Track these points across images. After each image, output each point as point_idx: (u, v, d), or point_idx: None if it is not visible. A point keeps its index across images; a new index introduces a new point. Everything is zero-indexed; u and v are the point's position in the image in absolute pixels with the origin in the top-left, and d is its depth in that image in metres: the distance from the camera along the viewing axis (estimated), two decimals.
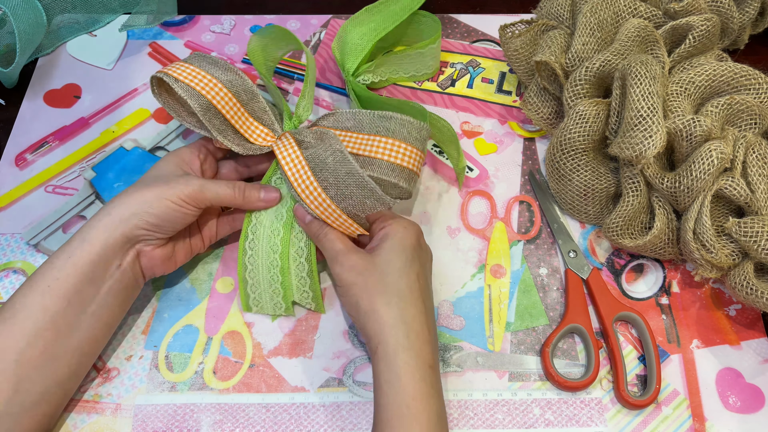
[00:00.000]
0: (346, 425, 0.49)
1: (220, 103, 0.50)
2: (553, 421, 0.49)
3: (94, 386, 0.50)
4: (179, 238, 0.50)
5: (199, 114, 0.49)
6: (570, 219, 0.58)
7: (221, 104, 0.51)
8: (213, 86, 0.50)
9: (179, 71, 0.50)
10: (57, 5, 0.68)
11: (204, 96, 0.50)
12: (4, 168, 0.60)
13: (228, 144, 0.51)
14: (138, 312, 0.53)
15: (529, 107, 0.61)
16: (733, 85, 0.54)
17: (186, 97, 0.49)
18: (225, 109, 0.51)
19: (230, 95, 0.51)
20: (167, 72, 0.50)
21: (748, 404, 0.50)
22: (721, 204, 0.52)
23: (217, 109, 0.50)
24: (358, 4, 0.66)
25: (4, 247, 0.56)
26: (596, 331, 0.52)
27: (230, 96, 0.51)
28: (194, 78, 0.50)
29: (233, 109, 0.51)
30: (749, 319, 0.53)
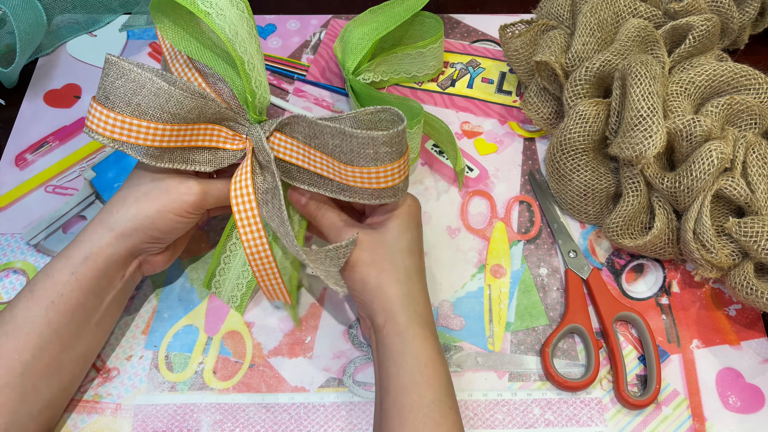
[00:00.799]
0: (346, 425, 0.49)
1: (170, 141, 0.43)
2: (553, 421, 0.49)
3: (94, 386, 0.50)
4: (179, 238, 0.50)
5: (155, 164, 0.44)
6: (570, 219, 0.58)
7: (172, 141, 0.44)
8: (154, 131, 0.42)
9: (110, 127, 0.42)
10: (57, 5, 0.68)
11: (149, 146, 0.43)
12: (4, 168, 0.60)
13: (198, 168, 0.46)
14: (138, 312, 0.53)
15: (529, 107, 0.61)
16: (733, 85, 0.54)
17: (132, 154, 0.43)
18: (178, 142, 0.44)
19: (176, 128, 0.43)
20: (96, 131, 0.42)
21: (748, 404, 0.50)
22: (721, 204, 0.52)
23: (170, 147, 0.44)
24: (358, 4, 0.66)
25: (4, 247, 0.56)
26: (596, 331, 0.52)
27: (177, 128, 0.43)
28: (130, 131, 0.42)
29: (186, 134, 0.44)
30: (749, 319, 0.53)
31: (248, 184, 0.45)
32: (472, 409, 0.49)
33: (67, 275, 0.43)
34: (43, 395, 0.43)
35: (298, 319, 0.52)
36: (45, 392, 0.43)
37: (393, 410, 0.42)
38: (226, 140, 0.47)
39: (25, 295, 0.44)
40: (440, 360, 0.44)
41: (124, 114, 0.42)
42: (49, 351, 0.43)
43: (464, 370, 0.51)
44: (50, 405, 0.44)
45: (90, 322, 0.45)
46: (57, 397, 0.45)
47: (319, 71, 0.67)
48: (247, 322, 0.53)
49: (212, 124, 0.46)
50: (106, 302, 0.46)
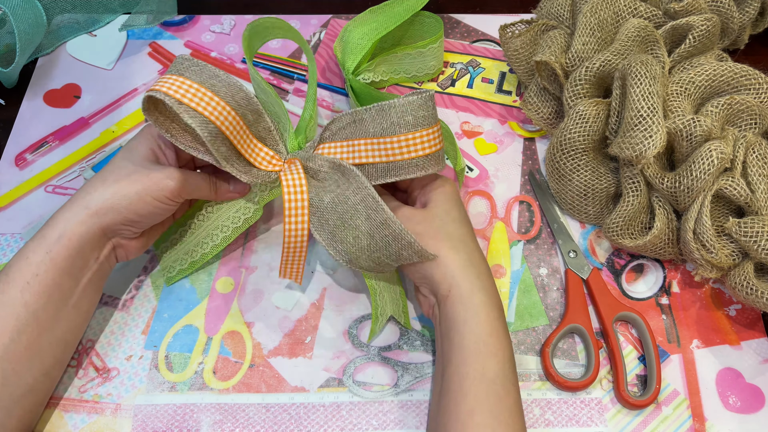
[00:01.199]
0: (346, 425, 0.49)
1: (228, 128, 0.45)
2: (553, 421, 0.49)
3: (94, 386, 0.50)
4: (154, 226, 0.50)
5: (207, 142, 0.44)
6: (570, 219, 0.58)
7: (229, 129, 0.45)
8: (221, 110, 0.44)
9: (181, 90, 0.43)
10: (57, 5, 0.68)
11: (213, 122, 0.44)
12: (4, 168, 0.60)
13: (235, 172, 0.46)
14: (138, 312, 0.53)
15: (529, 107, 0.61)
16: (733, 85, 0.54)
17: (193, 124, 0.43)
18: (233, 135, 0.45)
19: (238, 118, 0.45)
20: (166, 92, 0.43)
21: (748, 404, 0.50)
22: (721, 204, 0.52)
23: (225, 135, 0.45)
24: (358, 4, 0.66)
25: (4, 247, 0.56)
26: (596, 331, 0.52)
27: (238, 119, 0.45)
28: (200, 100, 0.43)
29: (240, 133, 0.46)
30: (749, 319, 0.53)
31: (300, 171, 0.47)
32: None
33: (42, 255, 0.43)
34: (24, 379, 0.43)
35: None
36: (26, 376, 0.43)
37: (455, 379, 0.42)
38: (264, 159, 0.48)
39: (1, 279, 0.44)
40: (504, 332, 0.44)
41: (200, 86, 0.44)
42: (28, 333, 0.43)
43: None
44: (33, 390, 0.44)
45: (67, 304, 0.45)
46: (39, 382, 0.45)
47: (319, 71, 0.67)
48: (247, 322, 0.53)
49: (258, 140, 0.48)
50: (82, 284, 0.46)
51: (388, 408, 0.49)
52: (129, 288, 0.54)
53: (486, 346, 0.42)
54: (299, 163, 0.48)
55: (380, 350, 0.52)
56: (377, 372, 0.51)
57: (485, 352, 0.42)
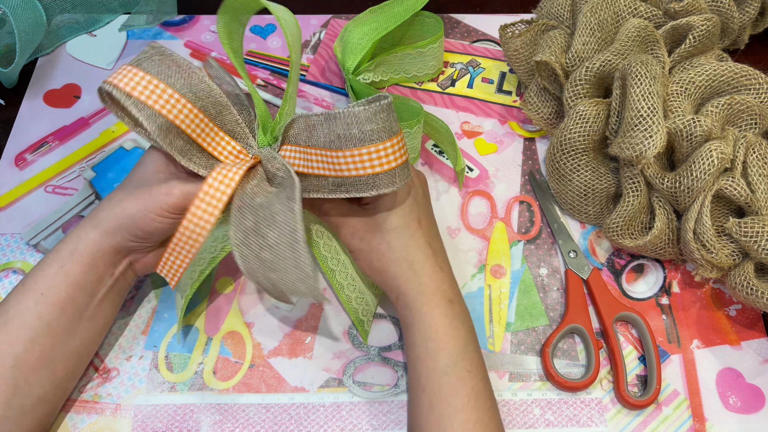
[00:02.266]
0: (346, 425, 0.49)
1: (183, 121, 0.43)
2: (553, 421, 0.49)
3: (94, 386, 0.50)
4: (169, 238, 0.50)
5: (157, 138, 0.42)
6: (570, 219, 0.58)
7: (185, 123, 0.43)
8: (174, 102, 0.42)
9: (132, 83, 0.42)
10: (57, 5, 0.68)
11: (164, 115, 0.42)
12: (3, 168, 0.60)
13: (193, 167, 0.44)
14: (138, 312, 0.53)
15: (529, 107, 0.61)
16: (734, 85, 0.54)
17: (140, 117, 0.41)
18: (190, 128, 0.44)
19: (195, 111, 0.43)
20: (117, 84, 0.41)
21: (748, 404, 0.50)
22: (722, 204, 0.52)
23: (180, 129, 0.43)
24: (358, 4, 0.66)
25: (4, 247, 0.56)
26: (596, 331, 0.52)
27: (195, 112, 0.43)
28: (151, 93, 0.41)
29: (200, 126, 0.44)
30: (749, 320, 0.53)
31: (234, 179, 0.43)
32: None
33: (56, 268, 0.44)
34: (35, 390, 0.43)
35: None
36: (38, 387, 0.43)
37: (413, 378, 0.44)
38: (230, 154, 0.46)
39: (17, 289, 0.44)
40: (452, 324, 0.44)
41: (151, 74, 0.42)
42: (41, 344, 0.43)
43: None
44: (44, 400, 0.44)
45: (82, 317, 0.45)
46: (51, 393, 0.45)
47: (319, 71, 0.67)
48: (247, 323, 0.53)
49: (224, 133, 0.46)
50: (97, 299, 0.45)
51: (388, 408, 0.49)
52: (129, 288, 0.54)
53: (434, 342, 0.43)
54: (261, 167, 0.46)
55: (380, 350, 0.52)
56: (377, 372, 0.51)
57: (433, 348, 0.43)
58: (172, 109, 0.42)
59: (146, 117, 0.41)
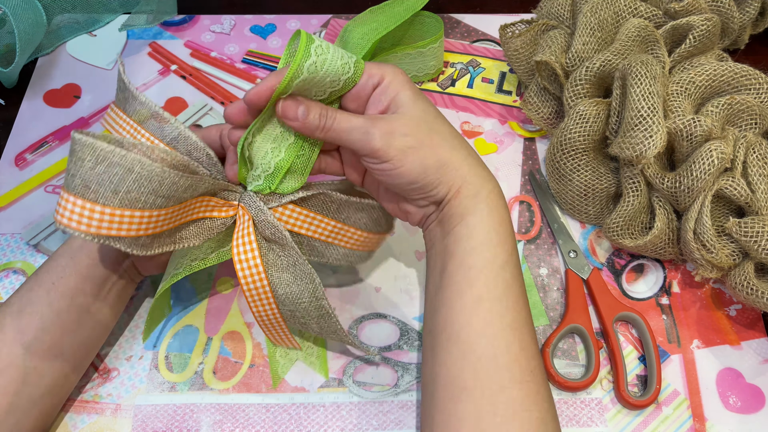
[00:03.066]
0: (346, 425, 0.49)
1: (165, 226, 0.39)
2: None
3: (94, 386, 0.50)
4: None
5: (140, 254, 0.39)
6: (570, 219, 0.58)
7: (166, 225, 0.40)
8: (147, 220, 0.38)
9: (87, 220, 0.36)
10: (57, 5, 0.68)
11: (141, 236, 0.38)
12: (4, 168, 0.60)
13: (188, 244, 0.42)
14: (138, 312, 0.53)
15: (529, 107, 0.61)
16: (734, 85, 0.54)
17: (122, 248, 0.38)
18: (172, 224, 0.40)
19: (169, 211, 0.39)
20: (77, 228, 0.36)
21: (748, 404, 0.50)
22: (722, 204, 0.52)
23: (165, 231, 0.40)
24: (358, 4, 0.66)
25: (4, 247, 0.56)
26: (596, 331, 0.52)
27: (169, 211, 0.39)
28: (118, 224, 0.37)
29: (180, 214, 0.40)
30: (749, 319, 0.53)
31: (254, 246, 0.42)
32: None
33: (67, 259, 0.45)
34: (44, 379, 0.44)
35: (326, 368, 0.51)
36: (47, 376, 0.44)
37: (459, 271, 0.40)
38: (214, 209, 0.43)
39: (30, 279, 0.45)
40: (510, 221, 0.42)
41: (112, 206, 0.36)
42: (51, 333, 0.43)
43: None
44: (51, 392, 0.45)
45: (90, 310, 0.46)
46: (58, 384, 0.45)
47: None
48: (247, 323, 0.53)
49: (202, 196, 0.42)
50: (103, 292, 0.46)
51: (388, 408, 0.49)
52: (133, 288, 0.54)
53: (497, 234, 0.40)
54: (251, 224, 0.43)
55: (380, 350, 0.52)
56: (377, 372, 0.51)
57: (495, 241, 0.40)
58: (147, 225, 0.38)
59: (124, 245, 0.37)
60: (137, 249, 0.38)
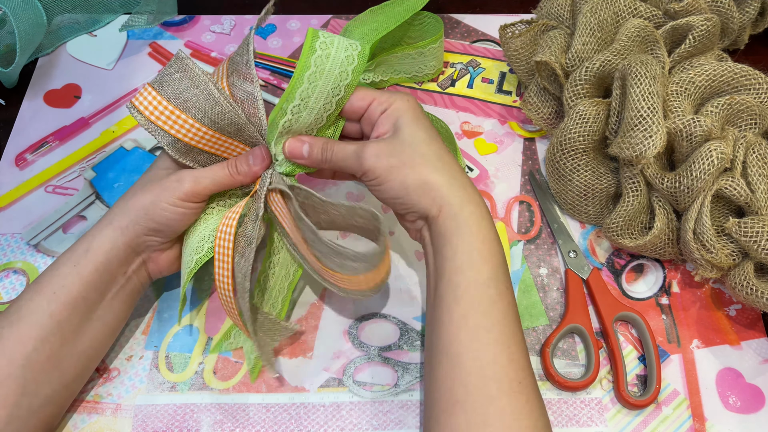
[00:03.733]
0: (346, 425, 0.49)
1: (200, 142, 0.45)
2: (553, 421, 0.49)
3: (94, 386, 0.50)
4: None
5: (178, 158, 0.46)
6: (570, 219, 0.58)
7: (203, 143, 0.46)
8: (191, 128, 0.44)
9: (151, 107, 0.44)
10: (57, 5, 0.68)
11: (182, 141, 0.45)
12: (4, 168, 0.60)
13: None
14: (138, 312, 0.53)
15: (529, 107, 0.61)
16: (733, 85, 0.54)
17: (162, 143, 0.45)
18: (208, 147, 0.46)
19: (211, 133, 0.45)
20: (139, 110, 0.44)
21: (748, 404, 0.50)
22: (721, 204, 0.52)
23: (199, 149, 0.46)
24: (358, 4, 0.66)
25: (4, 247, 0.56)
26: (596, 331, 0.52)
27: (211, 134, 0.45)
28: (167, 119, 0.44)
29: (217, 143, 0.46)
30: (749, 319, 0.53)
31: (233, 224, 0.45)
32: None
33: (69, 267, 0.44)
34: (44, 389, 0.43)
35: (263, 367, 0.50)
36: (46, 387, 0.43)
37: (448, 289, 0.42)
38: None
39: (31, 288, 0.45)
40: (495, 239, 0.44)
41: (173, 104, 0.44)
42: (51, 343, 0.43)
43: None
44: (51, 401, 0.44)
45: (92, 317, 0.45)
46: (58, 394, 0.45)
47: None
48: None
49: (243, 144, 0.47)
50: (108, 298, 0.46)
51: (388, 408, 0.49)
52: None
53: (479, 253, 0.42)
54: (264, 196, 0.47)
55: (380, 350, 0.52)
56: (377, 372, 0.51)
57: (478, 260, 0.42)
58: (189, 134, 0.45)
59: (167, 143, 0.45)
60: (174, 151, 0.45)
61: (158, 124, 0.44)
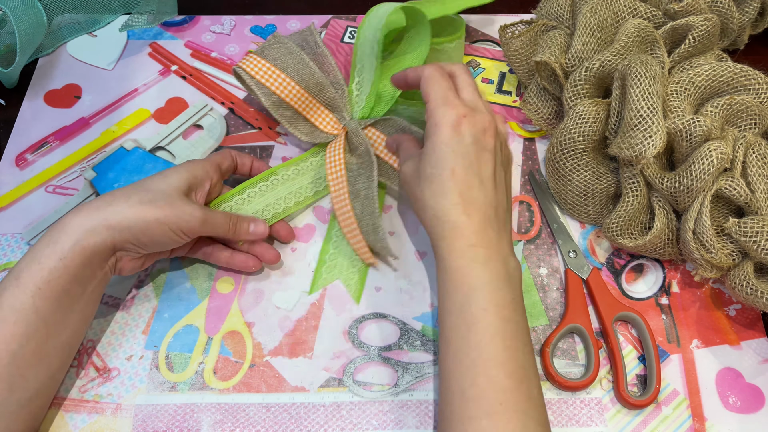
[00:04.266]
0: (346, 425, 0.49)
1: (291, 98, 0.56)
2: (553, 421, 0.49)
3: (94, 386, 0.50)
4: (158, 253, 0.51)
5: (270, 110, 0.56)
6: (570, 219, 0.58)
7: (293, 100, 0.57)
8: (285, 84, 0.56)
9: (255, 68, 0.56)
10: (57, 5, 0.68)
11: (276, 93, 0.56)
12: (4, 168, 0.60)
13: (297, 134, 0.57)
14: (138, 312, 0.53)
15: (529, 107, 0.61)
16: (733, 85, 0.54)
17: (259, 94, 0.55)
18: (296, 103, 0.57)
19: (300, 91, 0.56)
20: (245, 68, 0.56)
21: (748, 404, 0.50)
22: (721, 204, 0.52)
23: (289, 104, 0.56)
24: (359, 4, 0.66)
25: (4, 247, 0.56)
26: (596, 331, 0.52)
27: (301, 91, 0.56)
28: (269, 77, 0.56)
29: (304, 102, 0.57)
30: (749, 319, 0.53)
31: (341, 158, 0.55)
32: None
33: (55, 261, 0.43)
34: (31, 383, 0.43)
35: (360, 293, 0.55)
36: (33, 381, 0.43)
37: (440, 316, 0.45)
38: (328, 124, 0.58)
39: (11, 283, 0.43)
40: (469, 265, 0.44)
41: (271, 63, 0.56)
42: (36, 339, 0.43)
43: None
44: (39, 393, 0.44)
45: (74, 309, 0.45)
46: (45, 385, 0.45)
47: None
48: (247, 322, 0.53)
49: (323, 106, 0.58)
50: (88, 291, 0.46)
51: (388, 408, 0.49)
52: (129, 288, 0.54)
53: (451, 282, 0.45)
54: (343, 139, 0.57)
55: (380, 350, 0.52)
56: (377, 372, 0.51)
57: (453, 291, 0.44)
58: (284, 89, 0.56)
59: (264, 95, 0.56)
60: (270, 102, 0.56)
61: (261, 80, 0.56)
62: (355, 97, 0.58)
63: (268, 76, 0.56)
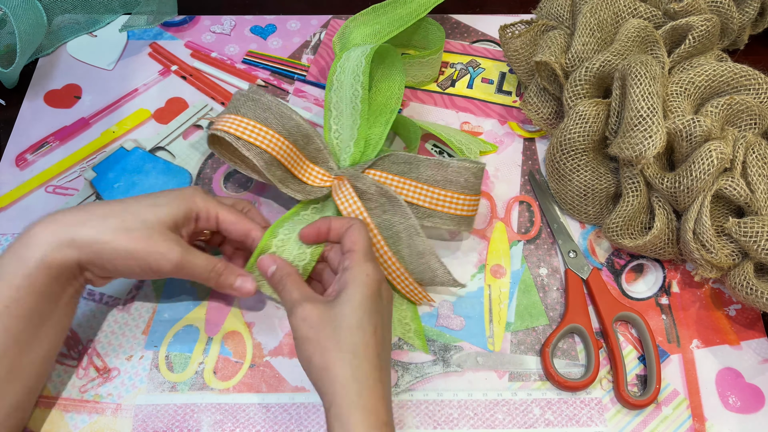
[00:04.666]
0: None
1: (280, 155, 0.51)
2: (553, 421, 0.49)
3: (94, 386, 0.50)
4: None
5: (263, 170, 0.50)
6: (570, 219, 0.58)
7: (282, 156, 0.51)
8: (275, 141, 0.51)
9: (238, 128, 0.50)
10: (57, 5, 0.68)
11: (268, 152, 0.51)
12: (4, 168, 0.60)
13: (289, 192, 0.52)
14: (138, 312, 0.53)
15: (529, 107, 0.61)
16: (733, 85, 0.54)
17: (250, 156, 0.50)
18: (286, 160, 0.52)
19: (288, 144, 0.52)
20: (227, 130, 0.50)
21: (748, 404, 0.50)
22: (721, 204, 0.52)
23: (280, 162, 0.51)
24: (359, 4, 0.66)
25: (5, 246, 0.56)
26: (596, 331, 0.52)
27: (288, 145, 0.52)
28: (257, 135, 0.50)
29: (293, 157, 0.52)
30: (749, 319, 0.53)
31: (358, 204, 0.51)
32: (472, 408, 0.49)
33: (20, 279, 0.41)
34: (8, 400, 0.42)
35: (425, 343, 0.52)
36: (10, 397, 0.43)
37: None
38: (316, 178, 0.53)
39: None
40: None
41: (253, 120, 0.51)
42: (10, 357, 0.42)
43: (464, 370, 0.51)
44: (18, 408, 0.44)
45: (47, 324, 0.44)
46: (23, 400, 0.44)
47: (319, 71, 0.67)
48: (247, 323, 0.53)
49: (309, 161, 0.53)
50: (60, 304, 0.44)
51: None
52: (129, 288, 0.54)
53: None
54: (347, 181, 0.52)
55: None
56: None
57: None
58: (274, 146, 0.51)
59: (255, 155, 0.50)
60: (262, 162, 0.50)
61: (249, 139, 0.50)
62: (335, 146, 0.54)
63: (255, 134, 0.50)
